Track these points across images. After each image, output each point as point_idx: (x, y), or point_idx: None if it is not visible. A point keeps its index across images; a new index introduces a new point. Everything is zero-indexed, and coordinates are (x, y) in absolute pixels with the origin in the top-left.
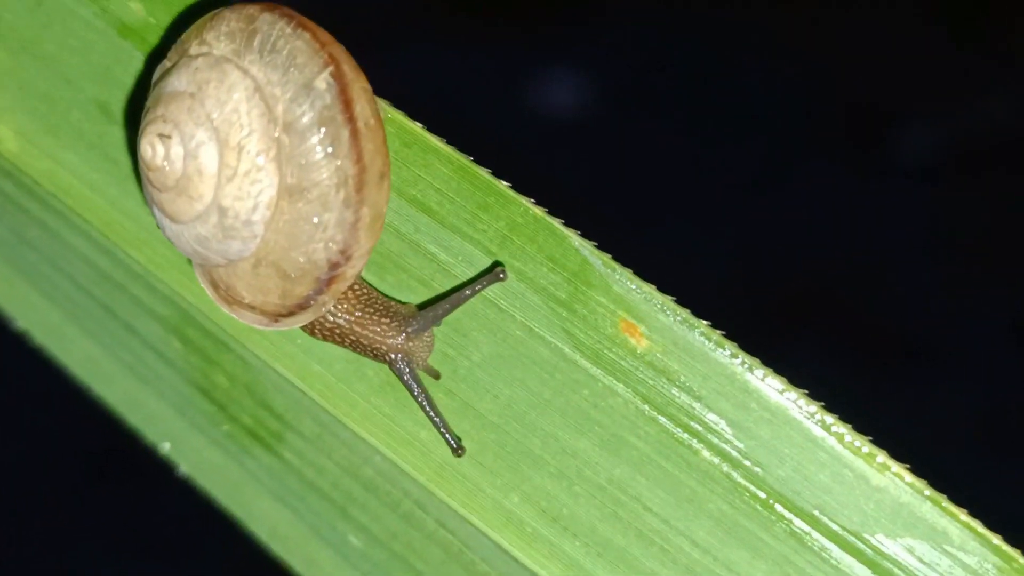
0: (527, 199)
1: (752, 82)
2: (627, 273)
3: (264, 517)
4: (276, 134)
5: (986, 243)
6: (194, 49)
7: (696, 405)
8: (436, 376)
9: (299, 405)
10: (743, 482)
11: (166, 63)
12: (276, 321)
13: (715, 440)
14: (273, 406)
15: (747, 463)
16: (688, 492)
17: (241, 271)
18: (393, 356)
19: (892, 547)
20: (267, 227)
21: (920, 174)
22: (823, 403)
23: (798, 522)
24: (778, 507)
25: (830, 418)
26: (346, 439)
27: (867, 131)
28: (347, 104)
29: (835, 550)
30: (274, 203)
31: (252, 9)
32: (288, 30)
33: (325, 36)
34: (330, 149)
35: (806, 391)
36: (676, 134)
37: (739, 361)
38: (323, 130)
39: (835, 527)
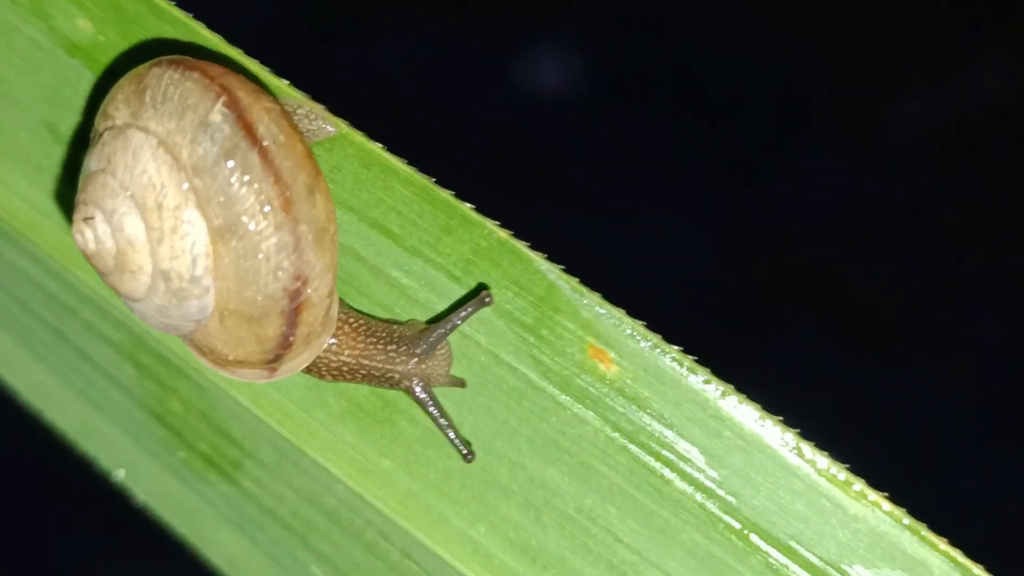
0: (492, 221)
1: (739, 60)
2: (596, 297)
3: (222, 546)
4: (189, 181)
5: (977, 222)
6: (101, 125)
7: (668, 433)
8: (463, 385)
9: (257, 432)
10: (717, 512)
11: (87, 149)
12: (273, 371)
13: (688, 469)
14: (230, 433)
15: (721, 492)
16: (660, 522)
17: (212, 330)
18: (408, 383)
19: None
20: (214, 277)
21: (911, 151)
22: (799, 430)
23: (774, 553)
24: (753, 537)
25: (806, 446)
26: (306, 467)
27: (857, 108)
28: (248, 128)
29: None
30: (211, 250)
31: (142, 68)
32: (176, 76)
33: (216, 69)
34: (245, 177)
35: (781, 418)
36: (664, 114)
37: (712, 387)
38: (231, 161)
39: (812, 558)
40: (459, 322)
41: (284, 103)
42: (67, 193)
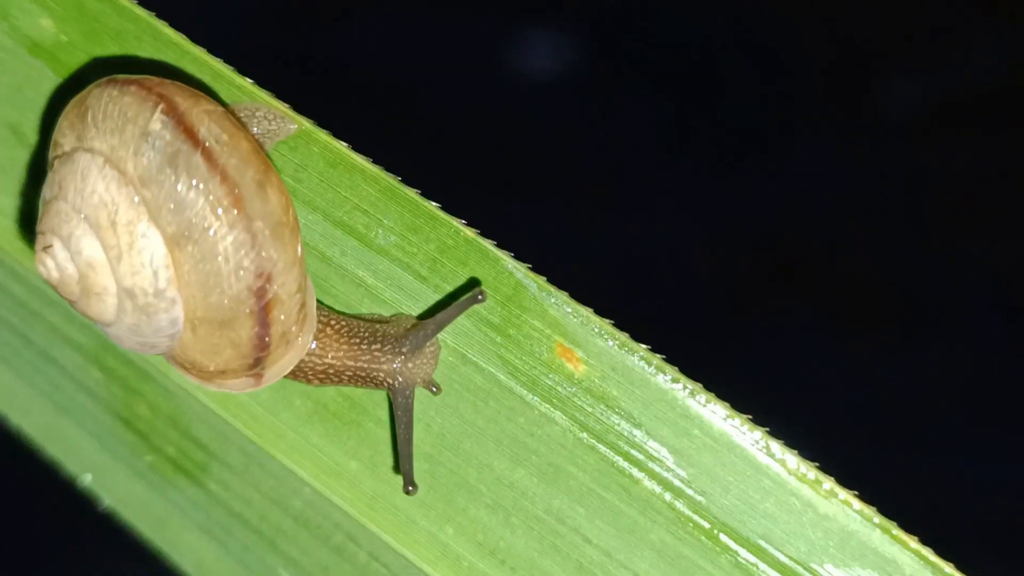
0: (458, 220)
1: (728, 45)
2: (563, 296)
3: (190, 551)
4: (138, 193)
5: (970, 204)
6: (51, 155)
7: (636, 432)
8: (437, 390)
9: (224, 435)
10: (686, 511)
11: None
12: (258, 377)
13: (656, 468)
14: (197, 436)
15: (690, 492)
16: (629, 522)
17: (188, 342)
18: (392, 381)
19: None
20: (178, 286)
21: (903, 134)
22: (768, 428)
23: (744, 552)
24: (723, 537)
25: (775, 444)
26: (274, 470)
27: (848, 92)
28: (189, 131)
29: None
30: (170, 261)
31: (83, 92)
32: (115, 92)
33: (153, 80)
34: (192, 180)
35: (750, 416)
36: (653, 101)
37: (680, 386)
38: (176, 166)
39: (782, 557)
40: (448, 321)
41: (243, 106)
42: (31, 195)
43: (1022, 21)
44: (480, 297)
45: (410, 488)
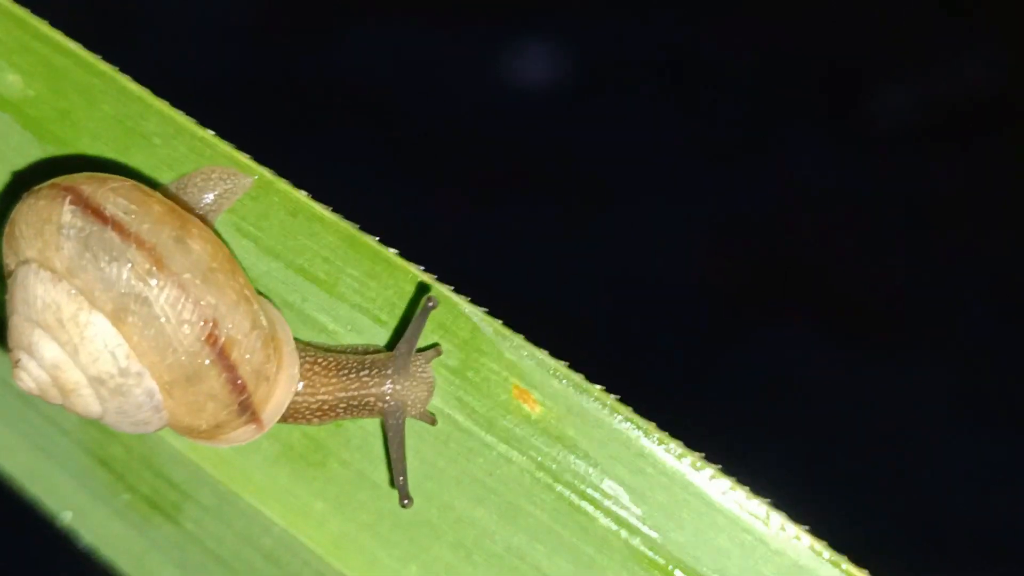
0: (415, 266)
1: (723, 50)
2: (519, 339)
3: None
4: (71, 285)
5: (963, 211)
6: (5, 277)
7: (592, 471)
8: (432, 422)
9: (196, 476)
10: (642, 548)
11: None
12: (256, 421)
13: (612, 506)
14: (170, 476)
15: (645, 529)
16: (587, 559)
17: (172, 408)
18: (382, 404)
19: None
20: (138, 359)
21: (896, 141)
22: (720, 465)
23: None
24: (678, 573)
25: (726, 481)
26: (244, 509)
27: (841, 98)
28: (96, 211)
29: None
30: (120, 338)
31: (11, 212)
32: (31, 201)
33: (64, 178)
34: (111, 255)
35: (703, 454)
36: (647, 107)
37: (633, 426)
38: (92, 248)
39: None
40: (415, 335)
41: (197, 173)
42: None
43: (1012, 30)
44: (431, 304)
45: (405, 502)
